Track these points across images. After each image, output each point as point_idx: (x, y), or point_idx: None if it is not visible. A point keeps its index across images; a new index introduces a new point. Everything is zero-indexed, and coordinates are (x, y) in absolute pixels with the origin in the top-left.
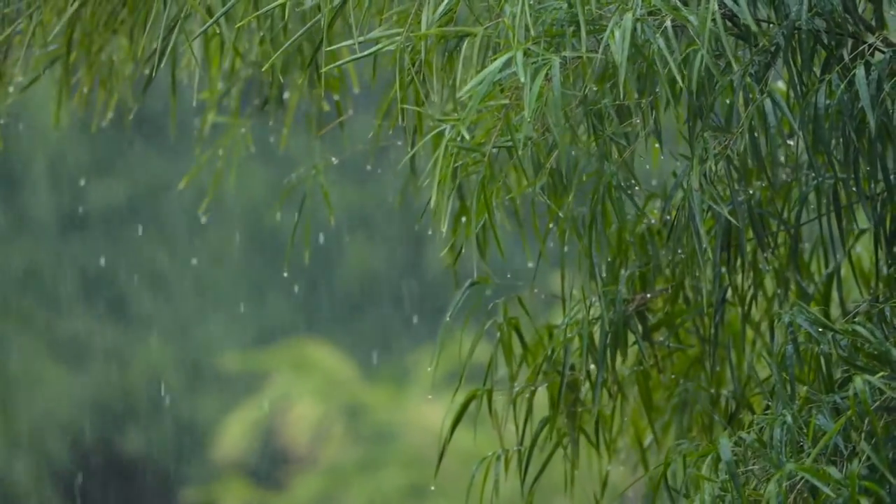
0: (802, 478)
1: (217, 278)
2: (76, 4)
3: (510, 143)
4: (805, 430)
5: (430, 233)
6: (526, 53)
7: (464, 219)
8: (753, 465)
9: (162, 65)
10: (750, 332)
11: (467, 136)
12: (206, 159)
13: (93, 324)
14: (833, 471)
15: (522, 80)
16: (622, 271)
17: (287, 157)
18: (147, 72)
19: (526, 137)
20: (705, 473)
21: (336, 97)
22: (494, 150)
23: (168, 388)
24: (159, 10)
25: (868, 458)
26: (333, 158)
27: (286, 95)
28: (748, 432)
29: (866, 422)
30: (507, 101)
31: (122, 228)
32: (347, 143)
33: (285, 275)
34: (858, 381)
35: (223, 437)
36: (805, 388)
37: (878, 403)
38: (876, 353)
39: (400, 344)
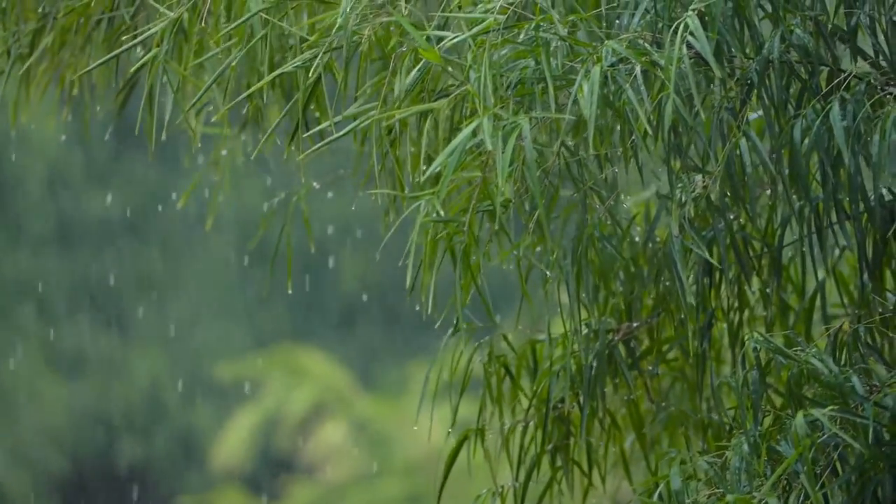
0: None
1: (213, 288)
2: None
3: (491, 208)
4: (763, 457)
5: (417, 309)
6: (495, 117)
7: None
8: (710, 490)
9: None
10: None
11: (442, 212)
12: (200, 176)
13: (90, 334)
14: (773, 501)
15: (490, 148)
16: (606, 299)
17: (283, 164)
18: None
19: (507, 200)
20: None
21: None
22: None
23: (165, 398)
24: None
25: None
26: (315, 183)
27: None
28: (711, 457)
29: (805, 467)
30: (480, 173)
31: (118, 239)
32: (338, 156)
33: (289, 289)
34: (799, 418)
35: (220, 447)
36: (779, 407)
37: (825, 437)
38: (829, 384)
39: (398, 353)
